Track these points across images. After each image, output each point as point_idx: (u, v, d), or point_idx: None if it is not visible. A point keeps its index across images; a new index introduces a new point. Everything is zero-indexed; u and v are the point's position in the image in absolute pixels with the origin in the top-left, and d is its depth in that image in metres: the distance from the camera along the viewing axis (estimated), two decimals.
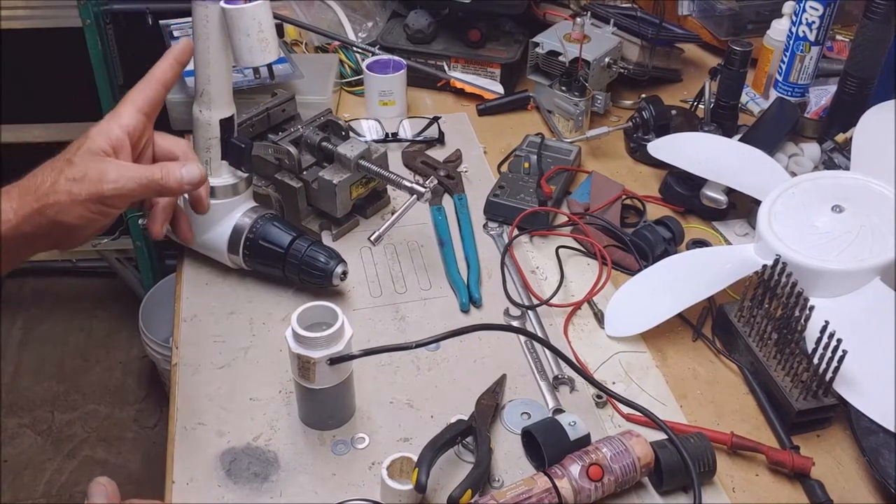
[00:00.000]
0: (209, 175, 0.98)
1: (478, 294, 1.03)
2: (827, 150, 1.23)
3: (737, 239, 1.15)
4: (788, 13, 1.35)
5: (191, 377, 0.93)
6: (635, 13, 1.45)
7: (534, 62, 1.39)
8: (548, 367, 0.94)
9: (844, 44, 1.51)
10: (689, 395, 0.93)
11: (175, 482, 0.82)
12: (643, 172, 1.29)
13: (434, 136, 1.32)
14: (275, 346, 0.95)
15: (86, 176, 0.69)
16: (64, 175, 0.69)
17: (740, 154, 1.15)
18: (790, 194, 1.02)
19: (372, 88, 1.38)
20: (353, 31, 1.55)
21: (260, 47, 0.90)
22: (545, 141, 1.27)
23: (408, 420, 0.88)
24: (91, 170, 0.69)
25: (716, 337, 0.99)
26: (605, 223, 1.13)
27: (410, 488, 0.76)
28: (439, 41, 1.50)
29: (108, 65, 1.82)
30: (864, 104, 1.17)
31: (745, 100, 1.42)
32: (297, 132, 1.13)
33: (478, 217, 1.17)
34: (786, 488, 0.83)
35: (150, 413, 2.16)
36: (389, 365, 0.94)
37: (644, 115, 1.28)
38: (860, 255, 0.93)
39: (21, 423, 2.12)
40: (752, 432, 0.87)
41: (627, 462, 0.78)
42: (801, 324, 0.85)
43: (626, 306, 1.01)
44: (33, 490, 1.98)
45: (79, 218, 0.69)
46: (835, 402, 0.86)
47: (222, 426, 0.87)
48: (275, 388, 0.91)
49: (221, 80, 0.94)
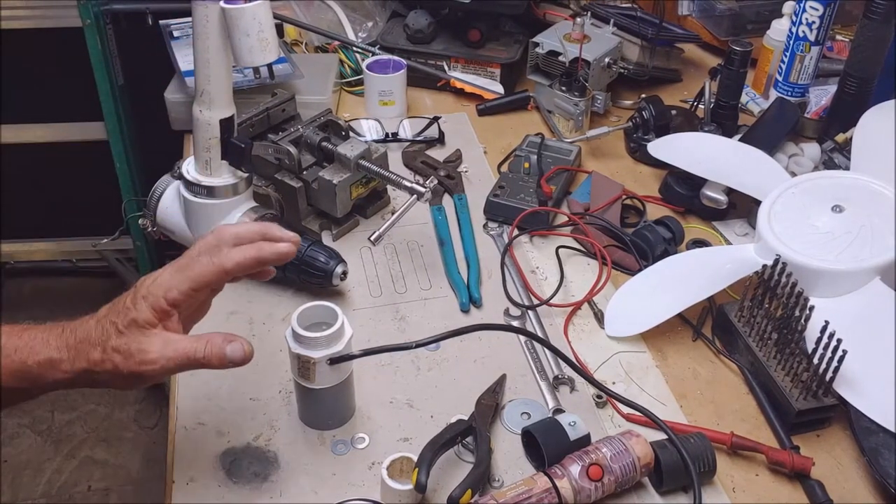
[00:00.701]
0: (209, 175, 0.97)
1: (478, 294, 1.03)
2: (827, 150, 1.23)
3: (737, 239, 1.15)
4: (788, 13, 1.35)
5: (191, 377, 0.92)
6: (635, 13, 1.45)
7: (534, 62, 1.39)
8: (548, 367, 0.94)
9: (844, 44, 1.51)
10: (689, 395, 0.93)
11: (175, 482, 0.82)
12: (643, 172, 1.29)
13: (434, 136, 1.32)
14: (275, 346, 0.95)
15: (129, 351, 0.69)
16: (111, 344, 0.69)
17: (740, 154, 1.15)
18: (790, 194, 1.02)
19: (372, 88, 1.38)
20: (352, 31, 1.55)
21: (260, 47, 0.90)
22: (545, 141, 1.27)
23: (408, 420, 0.88)
24: (133, 345, 0.69)
25: (716, 337, 0.99)
26: (605, 223, 1.13)
27: (410, 488, 0.76)
28: (439, 41, 1.50)
29: (107, 65, 1.82)
30: (864, 104, 1.17)
31: (745, 100, 1.42)
32: (297, 132, 1.13)
33: (478, 217, 1.17)
34: (786, 488, 0.83)
35: (150, 413, 2.16)
36: (389, 365, 0.94)
37: (644, 115, 1.28)
38: (860, 255, 0.93)
39: (21, 423, 2.12)
40: (752, 432, 0.87)
41: (627, 462, 0.78)
42: (801, 324, 0.85)
43: (626, 306, 1.01)
44: (33, 490, 1.98)
45: (121, 386, 0.72)
46: (835, 402, 0.86)
47: (222, 426, 0.87)
48: (275, 388, 0.91)
49: (221, 80, 0.94)
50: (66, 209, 2.34)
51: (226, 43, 0.91)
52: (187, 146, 1.31)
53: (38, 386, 0.71)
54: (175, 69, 1.36)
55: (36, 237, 2.38)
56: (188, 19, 1.19)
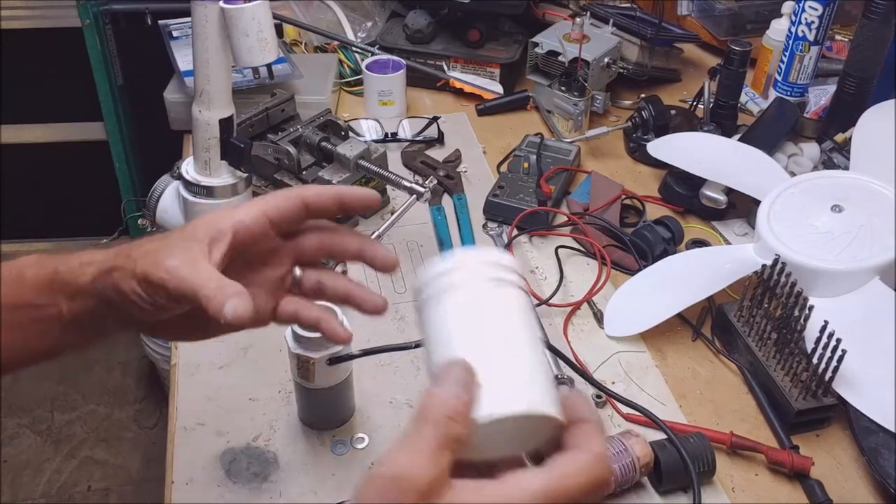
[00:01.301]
0: (208, 175, 0.98)
1: None
2: (826, 149, 1.23)
3: (736, 239, 1.15)
4: (788, 13, 1.35)
5: (190, 377, 0.92)
6: (634, 13, 1.45)
7: (533, 62, 1.39)
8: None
9: (844, 43, 1.51)
10: (689, 394, 0.93)
11: (175, 482, 0.82)
12: (642, 172, 1.29)
13: (433, 136, 1.32)
14: (274, 346, 0.95)
15: (154, 253, 0.59)
16: (146, 244, 0.60)
17: (739, 154, 1.15)
18: (789, 194, 1.02)
19: (371, 88, 1.38)
20: (352, 31, 1.55)
21: (259, 47, 0.90)
22: (544, 141, 1.27)
23: (407, 420, 0.88)
24: (161, 251, 0.59)
25: (715, 337, 0.99)
26: (605, 223, 1.13)
27: None
28: (438, 41, 1.50)
29: (107, 65, 1.82)
30: (863, 104, 1.17)
31: (744, 100, 1.42)
32: (297, 132, 1.13)
33: (477, 217, 1.17)
34: (785, 488, 0.83)
35: (150, 413, 2.16)
36: (389, 365, 0.94)
37: (643, 115, 1.28)
38: (859, 255, 0.93)
39: (20, 424, 2.12)
40: (752, 432, 0.87)
41: (627, 462, 0.78)
42: (800, 324, 0.85)
43: (625, 306, 1.01)
44: (32, 490, 1.98)
45: (130, 292, 0.59)
46: (834, 401, 0.86)
47: (222, 426, 0.87)
48: (274, 388, 0.91)
49: (221, 80, 0.94)
50: (65, 209, 2.34)
51: (225, 43, 0.92)
52: (187, 146, 1.31)
53: (59, 297, 0.61)
54: (174, 69, 1.36)
55: (36, 237, 2.38)
56: (187, 19, 1.19)
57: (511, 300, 0.49)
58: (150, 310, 0.59)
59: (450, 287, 0.49)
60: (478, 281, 0.49)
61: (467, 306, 0.49)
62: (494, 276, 0.49)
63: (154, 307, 0.59)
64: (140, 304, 0.59)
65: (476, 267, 0.49)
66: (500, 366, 0.47)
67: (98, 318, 0.62)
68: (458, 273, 0.49)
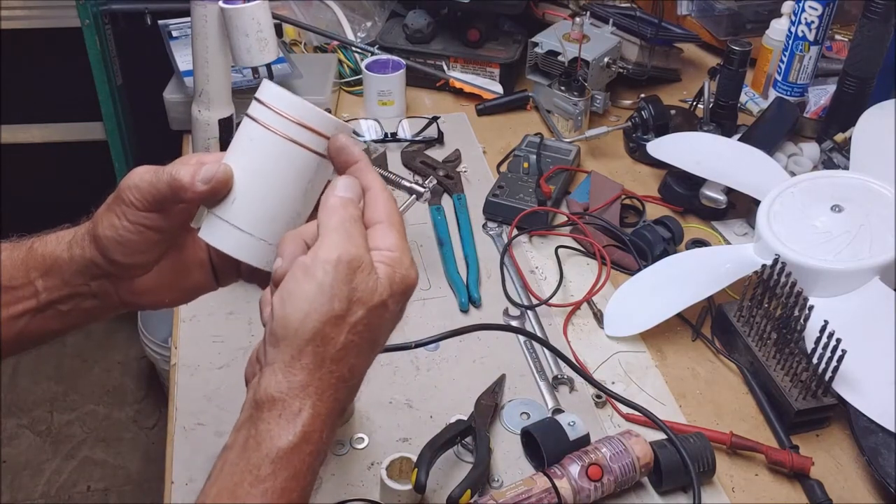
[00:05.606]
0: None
1: (477, 294, 1.03)
2: (826, 149, 1.23)
3: (736, 239, 1.15)
4: (787, 13, 1.35)
5: (190, 377, 0.92)
6: (634, 13, 1.45)
7: (533, 62, 1.39)
8: (547, 367, 0.94)
9: (843, 43, 1.51)
10: (689, 394, 0.93)
11: (174, 482, 0.81)
12: (642, 172, 1.29)
13: (433, 136, 1.32)
14: None
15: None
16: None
17: (739, 154, 1.15)
18: (789, 194, 1.02)
19: (371, 88, 1.38)
20: (351, 31, 1.55)
21: (259, 47, 0.90)
22: (544, 141, 1.27)
23: (407, 420, 0.88)
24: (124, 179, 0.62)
25: (715, 337, 0.99)
26: (605, 223, 1.13)
27: (410, 488, 0.76)
28: (438, 41, 1.50)
29: (106, 65, 1.82)
30: (863, 104, 1.18)
31: (744, 99, 1.42)
32: None
33: (477, 217, 1.17)
34: (785, 488, 0.83)
35: (149, 413, 2.16)
36: (389, 365, 0.94)
37: (643, 115, 1.28)
38: (859, 255, 0.93)
39: (20, 424, 2.12)
40: (752, 432, 0.87)
41: (627, 462, 0.78)
42: (800, 323, 0.85)
43: (625, 306, 1.01)
44: (32, 490, 1.98)
45: (109, 228, 0.62)
46: (834, 401, 0.86)
47: (222, 426, 0.87)
48: None
49: (220, 80, 0.94)
50: (65, 209, 2.34)
51: (224, 43, 0.92)
52: (186, 146, 1.31)
53: (34, 274, 0.64)
54: (174, 69, 1.35)
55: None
56: (187, 19, 1.19)
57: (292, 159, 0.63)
58: (127, 236, 0.62)
59: (261, 118, 0.63)
60: (279, 128, 0.63)
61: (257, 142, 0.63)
62: (293, 135, 0.64)
63: (127, 225, 0.62)
64: (120, 237, 0.62)
65: (288, 118, 0.64)
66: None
67: (75, 296, 0.64)
68: (272, 115, 0.63)
